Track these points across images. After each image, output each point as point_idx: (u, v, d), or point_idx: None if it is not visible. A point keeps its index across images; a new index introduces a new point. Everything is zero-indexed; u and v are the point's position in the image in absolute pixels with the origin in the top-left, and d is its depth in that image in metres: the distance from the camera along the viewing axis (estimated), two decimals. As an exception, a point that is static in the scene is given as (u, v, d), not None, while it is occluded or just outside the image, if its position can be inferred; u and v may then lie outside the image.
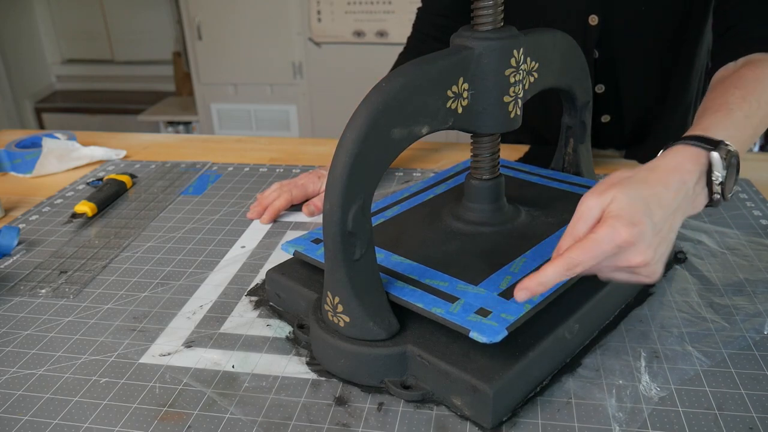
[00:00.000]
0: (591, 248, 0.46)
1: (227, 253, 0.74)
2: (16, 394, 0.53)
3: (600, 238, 0.46)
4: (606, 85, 0.91)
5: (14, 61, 3.20)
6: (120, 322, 0.61)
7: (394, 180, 0.91)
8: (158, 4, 3.26)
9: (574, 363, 0.54)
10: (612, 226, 0.46)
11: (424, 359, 0.50)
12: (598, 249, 0.46)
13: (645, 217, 0.47)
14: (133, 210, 0.85)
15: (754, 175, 0.88)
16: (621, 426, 0.47)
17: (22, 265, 0.73)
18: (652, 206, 0.48)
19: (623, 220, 0.46)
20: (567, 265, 0.46)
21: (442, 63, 0.52)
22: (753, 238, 0.72)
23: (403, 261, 0.58)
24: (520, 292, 0.46)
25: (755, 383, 0.51)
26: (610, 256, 0.47)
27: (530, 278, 0.46)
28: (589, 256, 0.46)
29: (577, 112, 0.72)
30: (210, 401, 0.51)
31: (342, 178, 0.47)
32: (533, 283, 0.46)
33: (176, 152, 1.08)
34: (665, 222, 0.49)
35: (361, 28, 2.53)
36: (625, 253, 0.47)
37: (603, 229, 0.46)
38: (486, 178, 0.63)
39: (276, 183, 0.84)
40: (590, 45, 0.86)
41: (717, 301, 0.61)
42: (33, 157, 1.00)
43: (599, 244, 0.46)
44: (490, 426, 0.47)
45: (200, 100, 2.82)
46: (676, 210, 0.51)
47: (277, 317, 0.62)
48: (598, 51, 0.87)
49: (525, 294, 0.46)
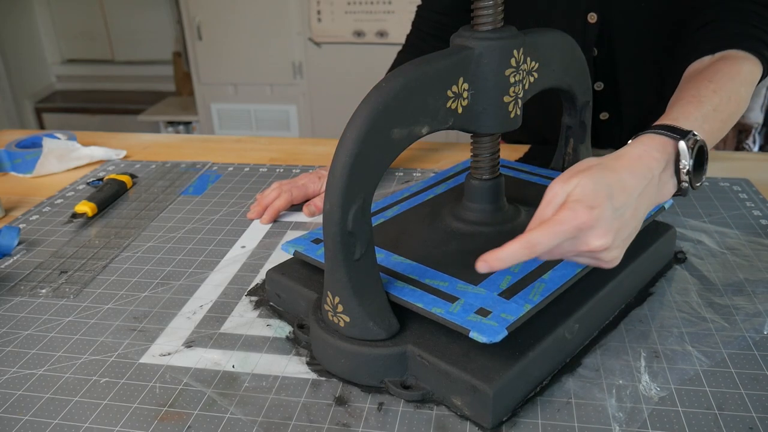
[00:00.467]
0: (551, 229, 0.47)
1: (227, 253, 0.74)
2: (16, 394, 0.53)
3: (560, 219, 0.48)
4: (605, 83, 0.91)
5: (14, 61, 3.20)
6: (120, 322, 0.61)
7: (394, 180, 0.91)
8: (158, 4, 3.26)
9: (574, 363, 0.54)
10: (572, 209, 0.48)
11: (424, 359, 0.50)
12: (557, 229, 0.47)
13: (606, 201, 0.48)
14: (133, 210, 0.85)
15: (754, 175, 0.88)
16: (621, 426, 0.47)
17: (22, 265, 0.73)
18: (615, 191, 0.49)
19: (584, 203, 0.48)
20: (527, 244, 0.47)
21: (442, 63, 0.52)
22: (753, 238, 0.72)
23: (403, 261, 0.58)
24: (480, 263, 0.47)
25: (755, 383, 0.51)
26: (571, 239, 0.48)
27: (491, 253, 0.47)
28: (549, 236, 0.47)
29: (577, 112, 0.72)
30: (210, 401, 0.51)
31: (342, 178, 0.47)
32: (492, 257, 0.47)
33: (176, 152, 1.09)
34: (627, 207, 0.50)
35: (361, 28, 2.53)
36: (584, 235, 0.48)
37: (563, 212, 0.48)
38: (486, 178, 0.63)
39: (276, 183, 0.84)
40: (589, 43, 0.86)
41: (717, 301, 0.61)
42: (33, 157, 1.00)
43: (559, 224, 0.47)
44: (490, 426, 0.47)
45: (200, 100, 2.82)
46: (640, 196, 0.51)
47: (277, 317, 0.62)
48: (597, 49, 0.88)
49: (484, 266, 0.47)
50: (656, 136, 0.55)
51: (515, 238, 0.47)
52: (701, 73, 0.66)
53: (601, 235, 0.48)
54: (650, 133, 0.56)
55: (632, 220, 0.51)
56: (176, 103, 3.14)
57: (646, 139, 0.55)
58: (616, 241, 0.49)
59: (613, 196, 0.49)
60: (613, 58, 0.89)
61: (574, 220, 0.47)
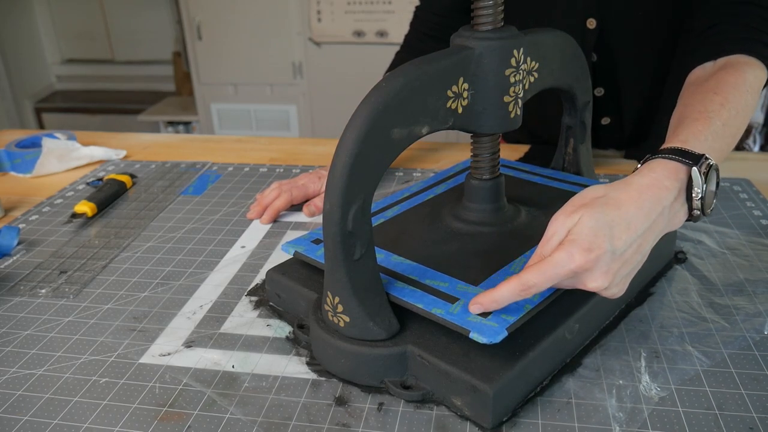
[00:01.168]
0: (546, 271, 0.47)
1: (227, 253, 0.74)
2: (16, 394, 0.53)
3: (555, 261, 0.47)
4: (605, 88, 0.91)
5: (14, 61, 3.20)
6: (120, 322, 0.61)
7: (394, 180, 0.91)
8: (158, 4, 3.26)
9: (574, 363, 0.54)
10: (568, 252, 0.47)
11: (424, 359, 0.50)
12: (552, 272, 0.47)
13: (605, 243, 0.47)
14: (133, 210, 0.85)
15: (754, 175, 0.87)
16: (621, 426, 0.47)
17: (22, 265, 0.73)
18: (617, 230, 0.48)
19: (581, 245, 0.47)
20: (521, 286, 0.47)
21: (442, 63, 0.52)
22: (753, 238, 0.72)
23: (403, 261, 0.58)
24: (474, 306, 0.48)
25: (755, 383, 0.51)
26: (567, 279, 0.48)
27: (485, 294, 0.47)
28: (543, 279, 0.47)
29: (577, 112, 0.72)
30: (210, 401, 0.51)
31: (342, 178, 0.47)
32: (487, 300, 0.47)
33: (176, 152, 1.08)
34: (630, 245, 0.49)
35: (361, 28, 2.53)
36: (580, 277, 0.48)
37: (559, 254, 0.47)
38: (486, 178, 0.63)
39: (276, 183, 0.84)
40: (588, 48, 0.86)
41: (717, 301, 0.61)
42: (33, 157, 1.00)
43: (554, 267, 0.47)
44: (490, 426, 0.47)
45: (200, 100, 2.82)
46: (648, 231, 0.50)
47: (277, 317, 0.61)
48: (596, 54, 0.87)
49: (477, 308, 0.48)
50: (667, 162, 0.53)
51: (510, 278, 0.47)
52: (705, 84, 0.64)
53: (598, 277, 0.47)
54: (660, 158, 0.53)
55: (635, 256, 0.50)
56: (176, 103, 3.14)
57: (656, 166, 0.53)
58: (615, 280, 0.49)
59: (614, 236, 0.48)
60: (613, 64, 0.89)
61: (570, 263, 0.46)
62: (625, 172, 0.91)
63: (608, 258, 0.47)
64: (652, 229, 0.50)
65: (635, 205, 0.49)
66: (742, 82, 0.63)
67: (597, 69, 0.89)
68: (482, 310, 0.48)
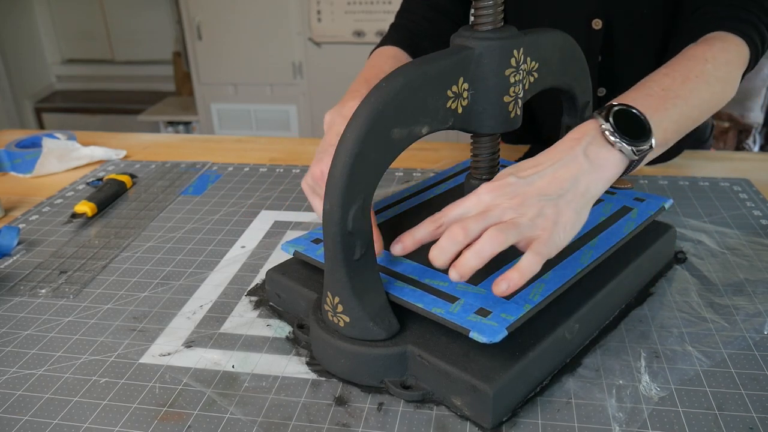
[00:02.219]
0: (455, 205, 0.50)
1: (227, 253, 0.74)
2: (16, 394, 0.53)
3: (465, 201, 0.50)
4: (607, 89, 0.91)
5: (14, 61, 3.20)
6: (120, 322, 0.61)
7: (394, 180, 0.91)
8: (158, 4, 3.26)
9: (574, 363, 0.54)
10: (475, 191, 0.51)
11: (424, 359, 0.50)
12: (461, 204, 0.50)
13: (509, 176, 0.50)
14: (133, 210, 0.85)
15: (754, 175, 0.88)
16: (621, 426, 0.47)
17: (22, 265, 0.73)
18: (521, 168, 0.51)
19: (486, 184, 0.51)
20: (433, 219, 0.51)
21: (442, 63, 0.52)
22: (753, 238, 0.72)
23: (403, 261, 0.58)
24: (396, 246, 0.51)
25: (755, 383, 0.51)
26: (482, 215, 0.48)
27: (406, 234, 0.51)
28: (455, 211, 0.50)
29: (577, 112, 0.72)
30: (210, 401, 0.51)
31: (342, 178, 0.47)
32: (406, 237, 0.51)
33: (176, 152, 1.09)
34: (541, 177, 0.50)
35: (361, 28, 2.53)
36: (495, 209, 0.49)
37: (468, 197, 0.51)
38: (486, 178, 0.63)
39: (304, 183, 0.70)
40: (594, 49, 0.86)
41: (717, 301, 0.61)
42: (33, 157, 1.00)
43: (462, 201, 0.50)
44: (490, 426, 0.47)
45: (200, 100, 2.82)
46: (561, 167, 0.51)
47: (277, 317, 0.62)
48: (600, 55, 0.87)
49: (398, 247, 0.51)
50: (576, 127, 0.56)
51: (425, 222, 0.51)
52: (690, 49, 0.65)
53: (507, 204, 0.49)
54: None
55: (551, 187, 0.50)
56: (176, 103, 3.14)
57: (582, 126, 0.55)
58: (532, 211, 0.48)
59: (519, 168, 0.51)
60: (617, 64, 0.88)
61: (475, 194, 0.50)
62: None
63: (514, 183, 0.50)
64: (568, 167, 0.51)
65: (544, 153, 0.53)
66: (701, 53, 0.64)
67: (601, 70, 0.88)
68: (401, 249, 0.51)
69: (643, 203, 0.66)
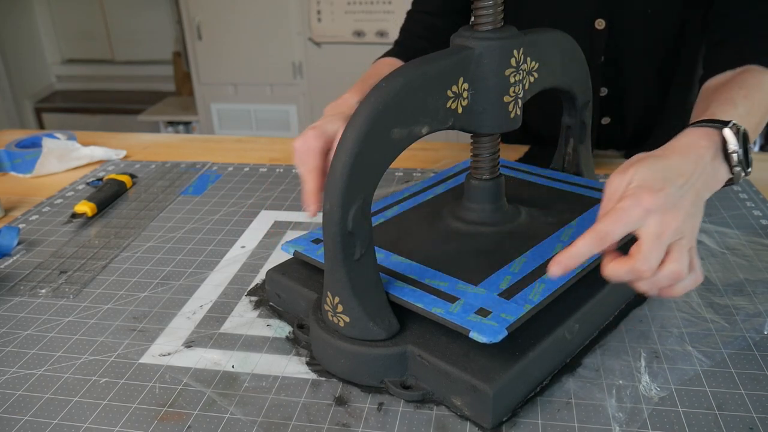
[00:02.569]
0: (618, 216, 0.47)
1: (227, 253, 0.74)
2: (16, 394, 0.53)
3: (625, 206, 0.48)
4: (609, 89, 0.91)
5: (14, 61, 3.20)
6: (120, 322, 0.61)
7: (394, 180, 0.92)
8: (158, 4, 3.26)
9: (574, 363, 0.54)
10: (635, 195, 0.48)
11: (424, 359, 0.50)
12: (624, 216, 0.47)
13: (667, 183, 0.49)
14: (133, 210, 0.85)
15: (754, 175, 0.87)
16: (621, 426, 0.47)
17: (22, 265, 0.73)
18: (672, 174, 0.50)
19: (645, 188, 0.48)
20: (596, 235, 0.47)
21: (442, 63, 0.52)
22: (753, 238, 0.72)
23: (403, 261, 0.58)
24: (554, 267, 0.47)
25: (755, 383, 0.51)
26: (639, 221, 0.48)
27: (562, 253, 0.47)
28: (618, 224, 0.47)
29: (577, 112, 0.72)
30: (210, 401, 0.51)
31: (342, 178, 0.47)
32: (565, 257, 0.47)
33: (176, 152, 1.09)
34: (688, 188, 0.50)
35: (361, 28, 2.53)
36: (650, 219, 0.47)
37: (627, 199, 0.48)
38: (486, 178, 0.63)
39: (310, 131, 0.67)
40: (597, 49, 0.86)
41: (717, 301, 0.61)
42: (33, 157, 1.00)
43: (625, 211, 0.47)
44: (490, 426, 0.47)
45: (200, 100, 2.82)
46: (697, 181, 0.51)
47: (277, 317, 0.62)
48: (603, 55, 0.87)
49: (558, 269, 0.47)
50: (699, 128, 0.55)
51: (584, 234, 0.47)
52: (730, 82, 0.66)
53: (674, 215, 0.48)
54: (691, 127, 0.56)
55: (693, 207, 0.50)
56: (176, 103, 3.14)
57: (689, 133, 0.55)
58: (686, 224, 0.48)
59: (671, 178, 0.49)
60: (619, 64, 0.89)
61: (640, 202, 0.47)
62: (625, 172, 0.91)
63: (674, 192, 0.48)
64: (701, 181, 0.52)
65: (679, 157, 0.52)
66: (764, 84, 0.66)
67: (603, 70, 0.89)
68: (563, 271, 0.47)
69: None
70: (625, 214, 0.47)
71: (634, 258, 0.47)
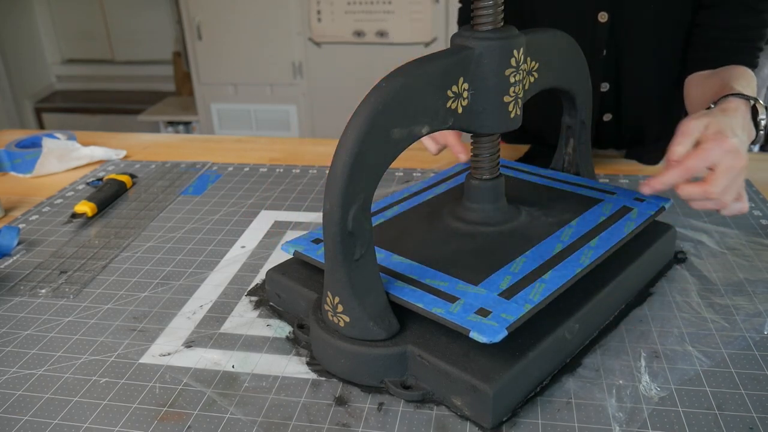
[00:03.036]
0: (705, 155, 0.59)
1: (227, 253, 0.74)
2: (16, 394, 0.53)
3: (710, 147, 0.59)
4: (610, 84, 0.91)
5: (14, 61, 3.20)
6: (120, 322, 0.61)
7: (394, 180, 0.91)
8: (158, 4, 3.26)
9: (574, 363, 0.54)
10: (716, 139, 0.59)
11: (424, 359, 0.50)
12: (709, 155, 0.59)
13: (736, 132, 0.61)
14: (133, 210, 0.85)
15: (754, 175, 0.87)
16: (621, 426, 0.47)
17: (22, 265, 0.73)
18: (737, 127, 0.62)
19: (723, 133, 0.60)
20: (685, 168, 0.59)
21: (442, 63, 0.52)
22: (753, 238, 0.72)
23: (403, 261, 0.58)
24: (645, 187, 0.62)
25: (755, 383, 0.51)
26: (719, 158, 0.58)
27: (654, 178, 0.61)
28: (703, 161, 0.59)
29: (577, 112, 0.72)
30: (210, 401, 0.51)
31: (342, 178, 0.47)
32: (655, 182, 0.61)
33: (176, 152, 1.09)
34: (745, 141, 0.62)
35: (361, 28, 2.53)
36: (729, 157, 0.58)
37: (711, 141, 0.59)
38: (486, 178, 0.63)
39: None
40: (599, 43, 0.86)
41: (717, 301, 0.61)
42: (33, 157, 1.00)
43: (709, 150, 0.59)
44: (490, 426, 0.47)
45: (200, 100, 2.82)
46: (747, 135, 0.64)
47: (277, 317, 0.62)
48: (605, 49, 0.87)
49: (648, 189, 0.61)
50: (737, 98, 0.67)
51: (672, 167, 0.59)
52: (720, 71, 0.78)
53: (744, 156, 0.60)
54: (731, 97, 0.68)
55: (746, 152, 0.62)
56: (176, 103, 3.14)
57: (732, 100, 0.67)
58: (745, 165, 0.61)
59: (736, 130, 0.61)
60: (621, 59, 0.88)
61: (722, 145, 0.59)
62: (626, 172, 0.91)
63: (741, 142, 0.60)
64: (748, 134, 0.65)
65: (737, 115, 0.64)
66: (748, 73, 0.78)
67: (605, 64, 0.88)
68: (652, 190, 0.61)
69: (643, 203, 0.66)
70: (710, 154, 0.59)
71: (708, 183, 0.59)
